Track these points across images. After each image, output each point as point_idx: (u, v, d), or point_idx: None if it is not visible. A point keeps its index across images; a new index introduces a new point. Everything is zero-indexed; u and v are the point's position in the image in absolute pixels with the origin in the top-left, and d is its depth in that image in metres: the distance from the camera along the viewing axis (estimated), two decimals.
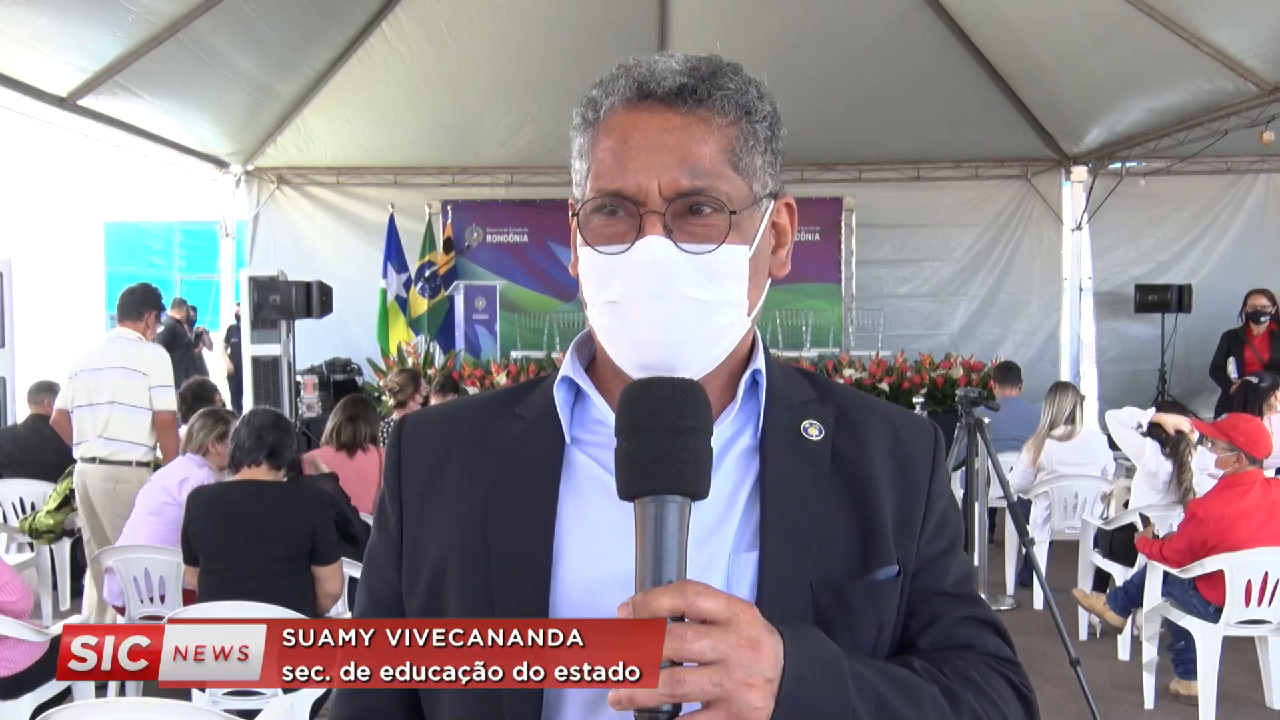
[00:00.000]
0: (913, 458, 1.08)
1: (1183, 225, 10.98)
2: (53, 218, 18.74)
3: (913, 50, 9.22)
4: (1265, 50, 6.99)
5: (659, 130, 0.97)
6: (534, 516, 0.99)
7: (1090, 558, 5.52)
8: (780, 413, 1.05)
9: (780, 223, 1.07)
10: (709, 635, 0.79)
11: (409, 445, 1.11)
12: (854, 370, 9.03)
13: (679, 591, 0.80)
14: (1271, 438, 4.51)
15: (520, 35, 9.14)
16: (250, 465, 3.77)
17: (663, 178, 0.96)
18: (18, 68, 6.84)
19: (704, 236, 0.97)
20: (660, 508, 0.84)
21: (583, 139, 1.03)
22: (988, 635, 1.07)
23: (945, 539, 1.08)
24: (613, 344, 1.01)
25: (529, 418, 1.06)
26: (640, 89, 0.99)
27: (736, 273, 0.99)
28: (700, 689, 0.78)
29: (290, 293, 8.56)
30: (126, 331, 5.36)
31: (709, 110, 0.98)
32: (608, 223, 0.98)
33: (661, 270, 0.95)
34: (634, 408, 0.89)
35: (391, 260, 10.45)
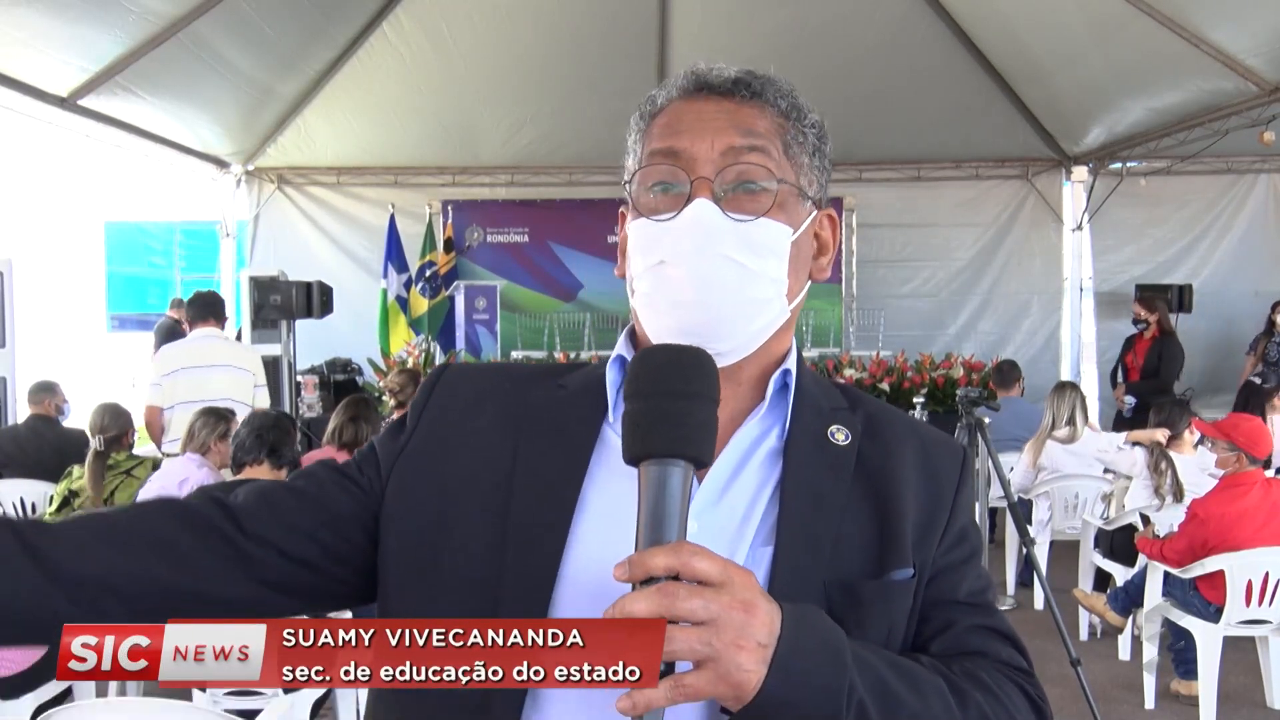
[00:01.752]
0: (940, 471, 1.09)
1: (1183, 225, 10.98)
2: (53, 218, 18.75)
3: (913, 50, 9.22)
4: (1266, 50, 6.99)
5: (714, 109, 1.03)
6: (561, 483, 0.99)
7: (1091, 558, 5.52)
8: (809, 417, 1.06)
9: (823, 235, 1.10)
10: (701, 595, 0.79)
11: (447, 384, 1.11)
12: (854, 370, 9.03)
13: (674, 551, 0.80)
14: (1272, 438, 4.51)
15: (521, 35, 9.14)
16: (252, 465, 3.77)
17: (716, 139, 1.00)
18: (18, 68, 6.84)
19: (750, 209, 1.00)
20: (662, 471, 0.84)
21: (637, 132, 1.07)
22: (1002, 645, 1.06)
23: (964, 550, 1.08)
24: (653, 309, 1.02)
25: (570, 389, 1.08)
26: (698, 81, 1.05)
27: (778, 249, 1.01)
28: (689, 647, 0.78)
29: (291, 293, 8.56)
30: (215, 330, 5.60)
31: (763, 101, 1.04)
32: (659, 197, 1.02)
33: (705, 231, 0.98)
34: (640, 371, 0.90)
35: (392, 260, 10.45)
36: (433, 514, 1.02)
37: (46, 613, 0.89)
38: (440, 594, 0.98)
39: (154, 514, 1.01)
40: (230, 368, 5.47)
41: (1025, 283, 11.15)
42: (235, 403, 5.26)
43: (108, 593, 0.93)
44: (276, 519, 1.02)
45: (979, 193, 11.09)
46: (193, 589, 0.96)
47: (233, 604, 0.98)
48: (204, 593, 0.97)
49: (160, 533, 0.98)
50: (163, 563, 0.96)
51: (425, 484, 1.04)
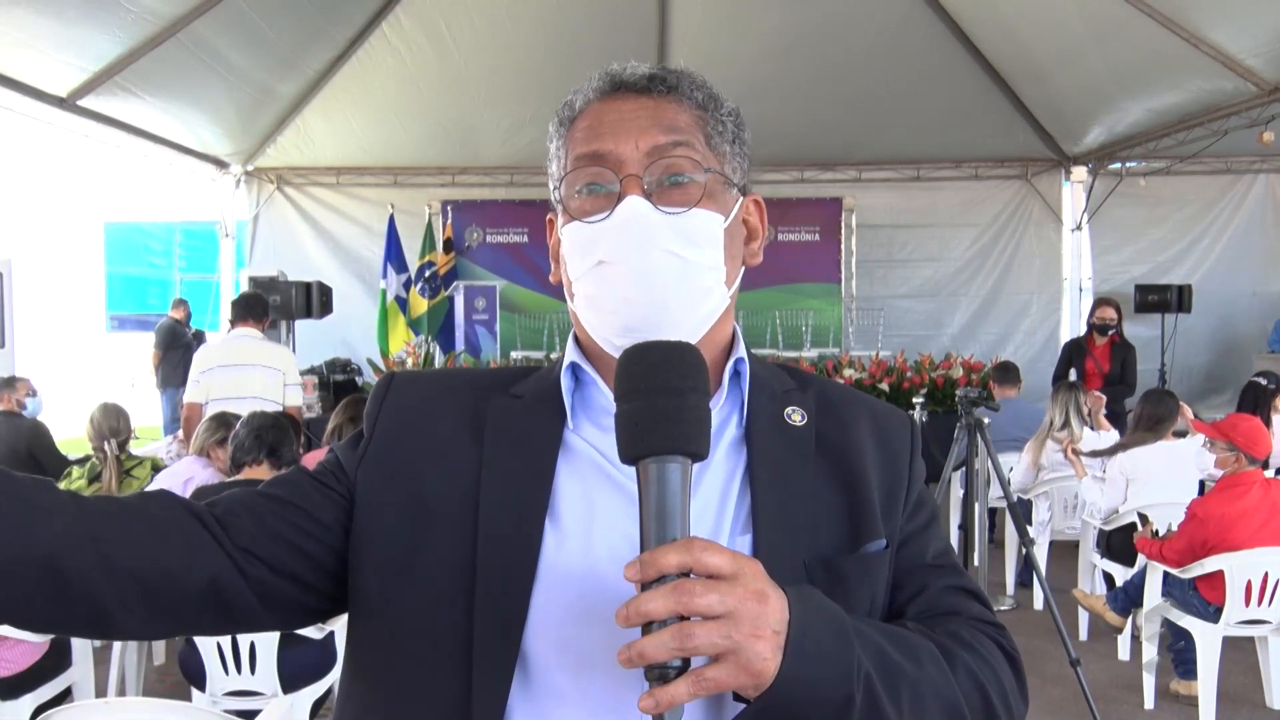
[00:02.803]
0: (893, 441, 1.13)
1: (1182, 225, 10.99)
2: (53, 218, 18.76)
3: (912, 50, 9.22)
4: (1265, 50, 6.99)
5: (634, 107, 1.04)
6: (529, 491, 0.99)
7: (1091, 558, 5.52)
8: (764, 401, 1.08)
9: (750, 220, 1.12)
10: (716, 589, 0.80)
11: (397, 391, 1.11)
12: (854, 370, 9.02)
13: (685, 548, 0.81)
14: (1271, 438, 4.51)
15: (520, 35, 9.15)
16: (251, 465, 3.77)
17: (640, 138, 1.01)
18: (17, 68, 6.85)
19: (680, 201, 1.01)
20: (663, 468, 0.85)
21: (559, 138, 1.09)
22: (972, 602, 1.10)
23: (925, 515, 1.13)
24: (597, 310, 1.03)
25: (526, 397, 1.08)
26: (613, 81, 1.06)
27: (711, 238, 1.03)
28: (710, 641, 0.79)
29: (290, 293, 8.57)
30: (253, 331, 5.78)
31: (678, 95, 1.05)
32: (589, 200, 1.03)
33: (642, 227, 0.99)
34: (632, 370, 0.89)
35: (391, 260, 10.45)
36: (403, 524, 1.01)
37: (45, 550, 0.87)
38: (417, 603, 0.98)
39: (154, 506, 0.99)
40: (263, 368, 5.68)
41: (1025, 283, 11.16)
42: (267, 401, 5.49)
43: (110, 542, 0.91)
44: (262, 531, 1.01)
45: (978, 193, 11.09)
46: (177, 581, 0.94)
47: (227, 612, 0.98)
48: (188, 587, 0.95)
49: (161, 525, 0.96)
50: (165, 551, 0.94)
51: (392, 493, 1.03)
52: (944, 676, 0.96)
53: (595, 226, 1.01)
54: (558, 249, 1.10)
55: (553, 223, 1.12)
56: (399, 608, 0.99)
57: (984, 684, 1.00)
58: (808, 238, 10.71)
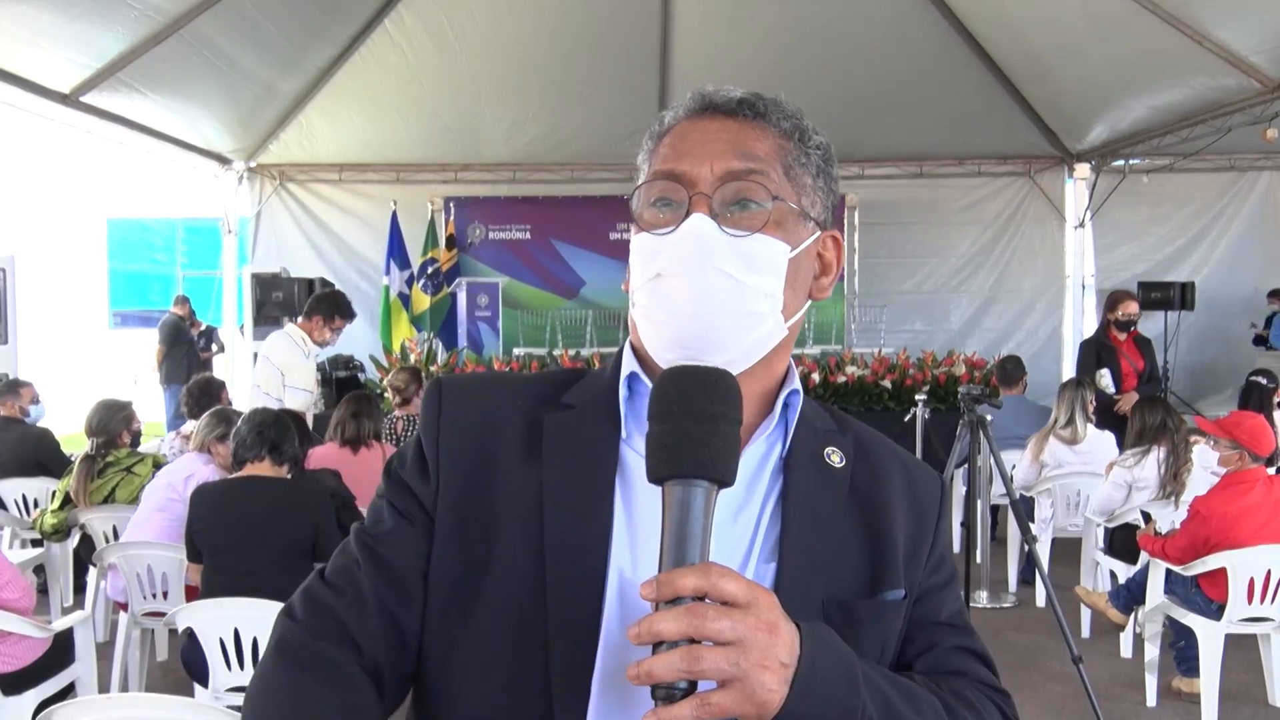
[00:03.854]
0: (924, 498, 1.14)
1: (1186, 223, 10.98)
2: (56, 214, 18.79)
3: (915, 48, 9.22)
4: (1268, 47, 6.98)
5: (716, 130, 1.05)
6: (591, 506, 1.00)
7: (1094, 555, 5.51)
8: (807, 437, 1.09)
9: (826, 255, 1.11)
10: (729, 616, 0.81)
11: (452, 401, 1.09)
12: (856, 367, 9.02)
13: (703, 572, 0.82)
14: (1274, 435, 4.50)
15: (523, 32, 9.14)
16: (253, 461, 3.77)
17: (715, 162, 1.02)
18: (21, 65, 6.85)
19: (747, 225, 1.01)
20: (687, 491, 0.85)
21: (647, 151, 1.09)
22: (980, 666, 1.12)
23: (944, 574, 1.14)
24: (650, 322, 1.03)
25: (578, 408, 1.08)
26: (704, 101, 1.07)
27: (774, 266, 1.02)
28: (717, 667, 0.80)
29: (292, 289, 8.58)
30: (291, 327, 5.90)
31: (766, 121, 1.06)
32: (659, 212, 1.03)
33: (701, 244, 0.99)
34: (665, 392, 0.90)
35: (394, 257, 10.46)
36: (471, 547, 1.02)
37: None
38: (486, 625, 1.00)
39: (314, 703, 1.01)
40: (265, 360, 5.75)
41: (1027, 280, 11.15)
42: (264, 394, 5.56)
43: None
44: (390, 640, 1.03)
45: (981, 190, 11.09)
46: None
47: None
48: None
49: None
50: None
51: (460, 518, 1.04)
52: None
53: (659, 239, 1.01)
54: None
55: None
56: (470, 631, 1.00)
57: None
58: None
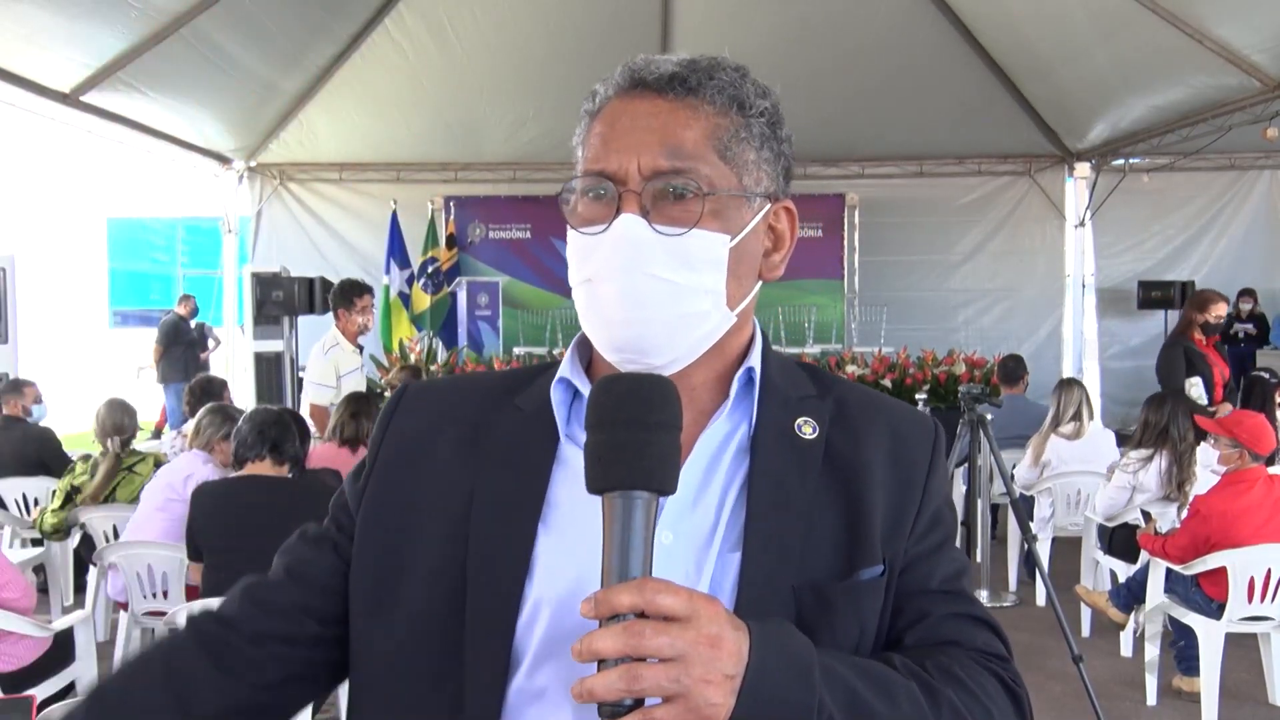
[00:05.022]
0: (912, 456, 1.08)
1: (1186, 222, 10.98)
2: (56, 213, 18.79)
3: (916, 46, 9.22)
4: (1269, 46, 6.97)
5: (646, 114, 0.99)
6: (520, 509, 0.98)
7: (1094, 554, 5.51)
8: (775, 411, 1.04)
9: (779, 227, 1.07)
10: (667, 632, 0.79)
11: (406, 406, 1.11)
12: (856, 366, 9.02)
13: (638, 588, 0.80)
14: (1275, 434, 4.50)
15: (523, 31, 9.14)
16: (254, 460, 3.77)
17: (643, 157, 0.96)
18: (21, 64, 6.85)
19: (680, 220, 0.96)
20: (627, 503, 0.83)
21: (583, 130, 1.05)
22: (977, 631, 1.05)
23: (936, 537, 1.07)
24: (588, 325, 1.01)
25: (526, 411, 1.05)
26: (634, 77, 1.01)
27: (712, 260, 0.98)
28: (657, 684, 0.78)
29: (293, 289, 8.56)
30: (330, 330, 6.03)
31: (698, 99, 0.99)
32: (590, 206, 1.00)
33: (632, 247, 0.96)
34: (600, 401, 0.87)
35: (394, 256, 10.46)
36: (393, 547, 1.02)
37: None
38: (402, 627, 0.99)
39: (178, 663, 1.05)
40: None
41: (1027, 279, 11.15)
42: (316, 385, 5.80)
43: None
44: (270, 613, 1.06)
45: (981, 189, 11.09)
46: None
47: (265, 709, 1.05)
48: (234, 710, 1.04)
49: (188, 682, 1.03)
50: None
51: (386, 517, 1.04)
52: (921, 716, 0.92)
53: (591, 239, 0.98)
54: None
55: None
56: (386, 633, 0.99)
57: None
58: (810, 234, 10.70)
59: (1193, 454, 5.01)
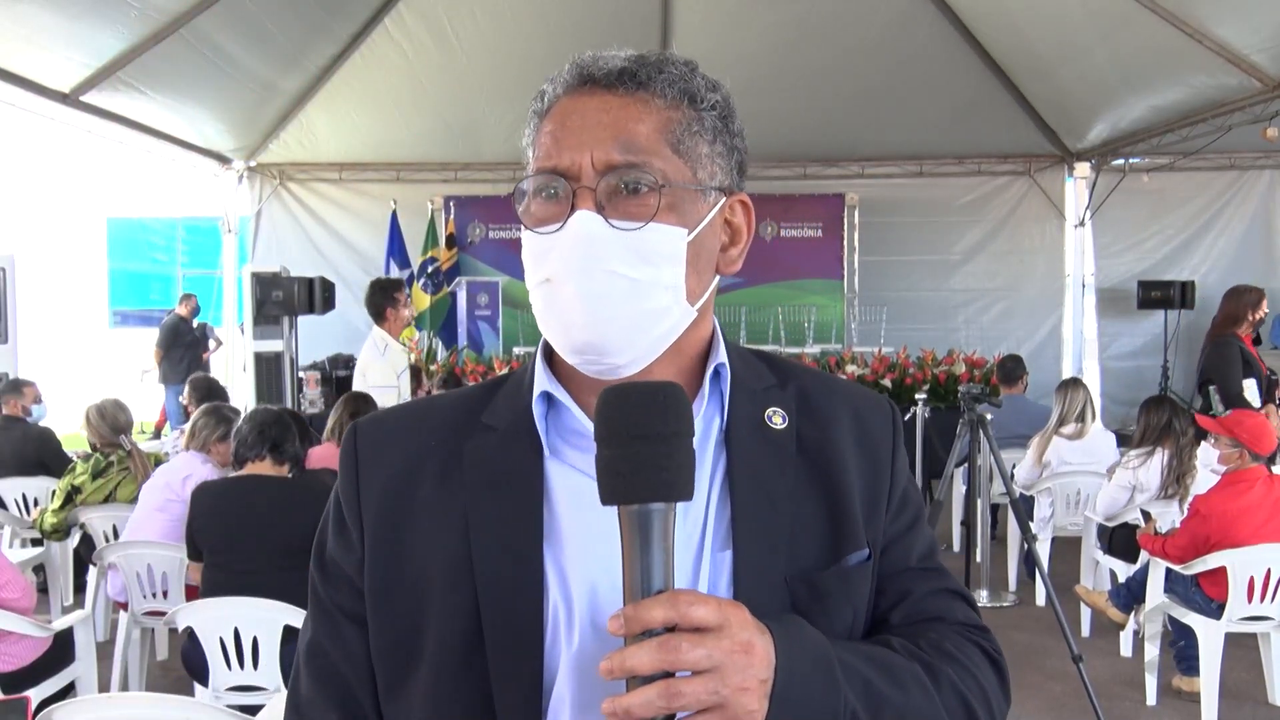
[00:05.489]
0: (876, 439, 1.09)
1: (1186, 221, 10.98)
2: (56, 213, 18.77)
3: (915, 46, 9.21)
4: (1269, 46, 6.97)
5: (596, 110, 0.98)
6: (520, 535, 0.96)
7: (1094, 554, 5.51)
8: (744, 403, 1.04)
9: (735, 221, 1.06)
10: (703, 644, 0.78)
11: (368, 455, 1.06)
12: (856, 366, 9.02)
13: (670, 602, 0.79)
14: (1275, 434, 4.50)
15: (523, 31, 9.14)
16: (254, 460, 3.77)
17: (595, 152, 0.96)
18: (21, 64, 6.85)
19: (636, 215, 0.95)
20: (646, 516, 0.82)
21: (532, 130, 1.05)
22: (957, 605, 1.08)
23: (909, 515, 1.09)
24: (547, 328, 1.00)
25: (500, 429, 1.03)
26: (582, 74, 1.00)
27: (670, 254, 0.97)
28: (696, 698, 0.78)
29: (293, 288, 8.57)
30: (374, 332, 6.03)
31: (648, 93, 0.98)
32: (544, 205, 0.99)
33: (589, 245, 0.94)
34: (613, 414, 0.85)
35: (394, 256, 10.46)
36: (406, 608, 0.99)
37: None
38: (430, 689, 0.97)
39: None
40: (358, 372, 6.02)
41: (1027, 279, 11.15)
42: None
43: None
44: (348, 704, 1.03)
45: (981, 189, 11.08)
46: None
47: None
48: None
49: None
50: None
51: (387, 581, 1.01)
52: (928, 699, 0.95)
53: (547, 239, 0.97)
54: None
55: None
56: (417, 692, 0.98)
57: (967, 696, 0.99)
58: (810, 234, 10.70)
59: (1193, 449, 5.02)
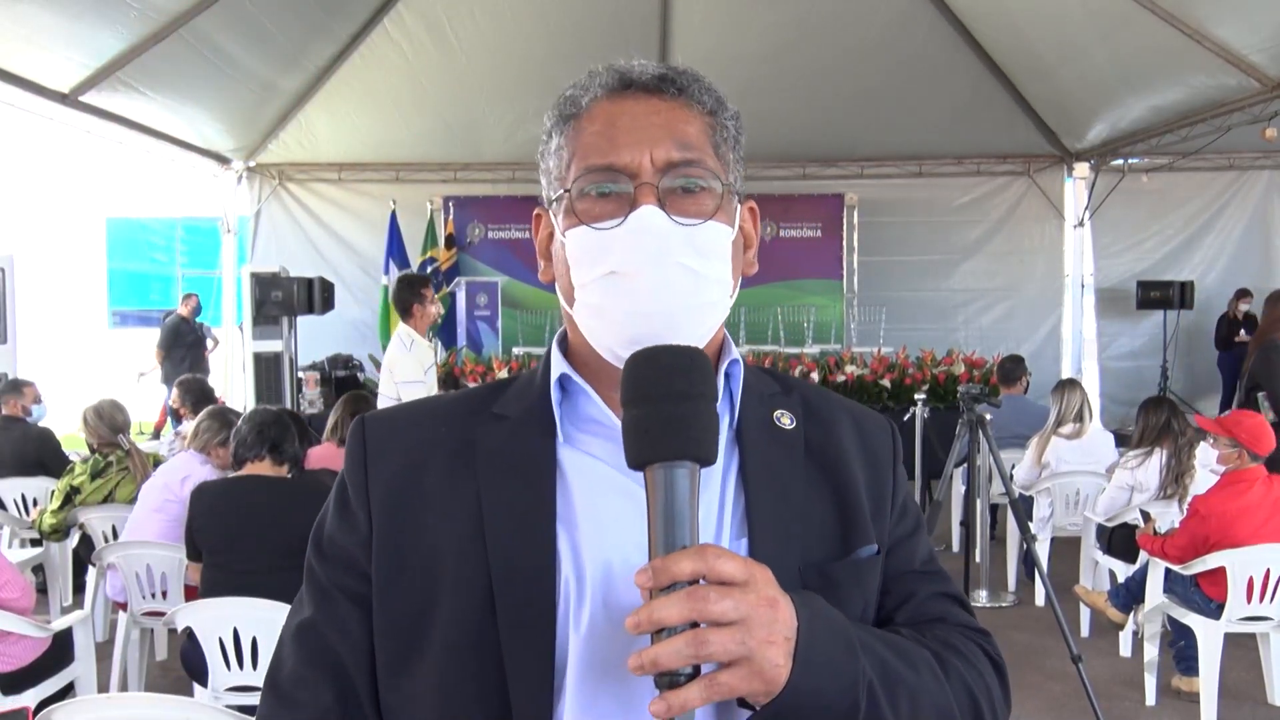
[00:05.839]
0: (877, 448, 1.13)
1: (1185, 222, 10.99)
2: (55, 214, 18.76)
3: (915, 46, 9.22)
4: (1268, 46, 6.98)
5: (646, 112, 1.01)
6: (534, 520, 0.97)
7: (1093, 554, 5.51)
8: (753, 404, 1.07)
9: (746, 227, 1.09)
10: (730, 595, 0.80)
11: (376, 444, 1.06)
12: (855, 367, 9.03)
13: (699, 555, 0.81)
14: (1274, 434, 4.49)
15: (522, 31, 9.15)
16: (253, 461, 3.77)
17: (655, 150, 0.98)
18: (20, 64, 6.85)
19: (695, 212, 0.99)
20: (671, 473, 0.84)
21: (561, 134, 1.04)
22: (957, 609, 1.12)
23: (910, 522, 1.13)
24: (604, 320, 1.00)
25: (512, 417, 1.04)
26: (623, 79, 1.03)
27: (722, 251, 1.01)
28: (724, 648, 0.79)
29: (292, 289, 8.58)
30: (399, 329, 6.02)
31: (688, 98, 1.02)
32: (599, 202, 0.99)
33: (658, 238, 0.97)
34: (641, 375, 0.89)
35: (393, 256, 10.46)
36: (416, 585, 0.99)
37: None
38: (440, 667, 0.97)
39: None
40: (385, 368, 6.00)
41: (1027, 279, 11.16)
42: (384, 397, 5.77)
43: None
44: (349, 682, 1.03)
45: (980, 189, 11.10)
46: None
47: None
48: None
49: None
50: None
51: (397, 564, 1.01)
52: (939, 684, 0.97)
53: (606, 234, 0.97)
54: (546, 245, 1.07)
55: (540, 218, 1.09)
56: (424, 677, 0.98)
57: (974, 691, 1.01)
58: (810, 234, 10.71)
59: (1192, 449, 5.02)
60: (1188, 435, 5.04)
